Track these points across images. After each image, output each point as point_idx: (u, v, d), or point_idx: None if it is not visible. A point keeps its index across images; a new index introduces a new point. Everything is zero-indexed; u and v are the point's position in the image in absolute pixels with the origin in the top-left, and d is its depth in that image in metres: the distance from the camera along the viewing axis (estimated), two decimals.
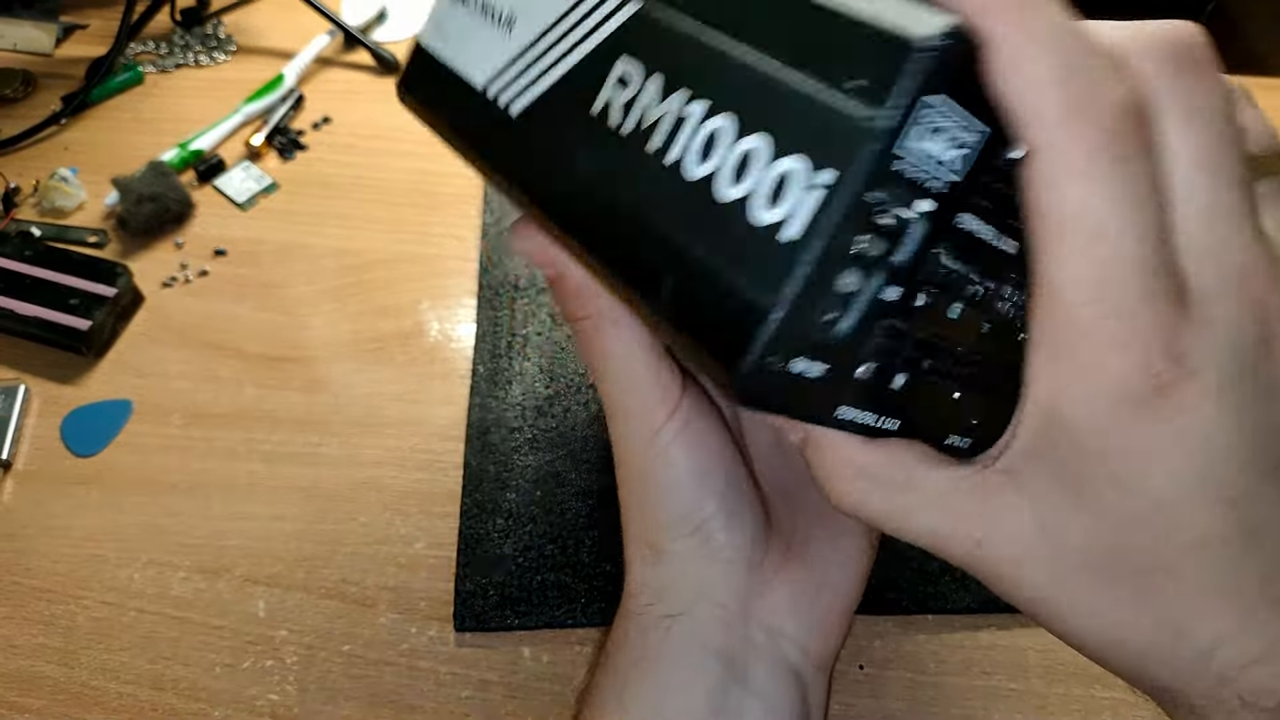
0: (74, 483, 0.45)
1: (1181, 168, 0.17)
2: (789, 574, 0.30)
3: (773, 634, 0.30)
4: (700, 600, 0.29)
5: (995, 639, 0.39)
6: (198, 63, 0.65)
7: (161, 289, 0.53)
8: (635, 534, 0.30)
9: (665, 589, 0.30)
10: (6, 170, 0.58)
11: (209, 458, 0.46)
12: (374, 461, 0.45)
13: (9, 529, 0.44)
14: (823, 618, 0.30)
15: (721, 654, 0.29)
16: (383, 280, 0.53)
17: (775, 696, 0.29)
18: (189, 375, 0.49)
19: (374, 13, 0.67)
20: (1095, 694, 0.37)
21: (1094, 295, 0.17)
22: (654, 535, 0.29)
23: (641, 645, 0.29)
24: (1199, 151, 0.17)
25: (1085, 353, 0.17)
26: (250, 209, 0.56)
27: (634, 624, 0.30)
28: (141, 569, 0.42)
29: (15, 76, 0.63)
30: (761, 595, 0.30)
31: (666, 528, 0.29)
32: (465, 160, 0.22)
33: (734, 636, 0.29)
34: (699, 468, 0.28)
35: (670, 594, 0.29)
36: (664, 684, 0.29)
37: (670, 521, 0.29)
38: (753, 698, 0.29)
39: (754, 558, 0.29)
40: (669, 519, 0.29)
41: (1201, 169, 0.18)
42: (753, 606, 0.29)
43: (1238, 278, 0.18)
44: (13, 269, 0.51)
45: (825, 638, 0.30)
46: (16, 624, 0.41)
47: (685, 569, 0.29)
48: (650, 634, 0.29)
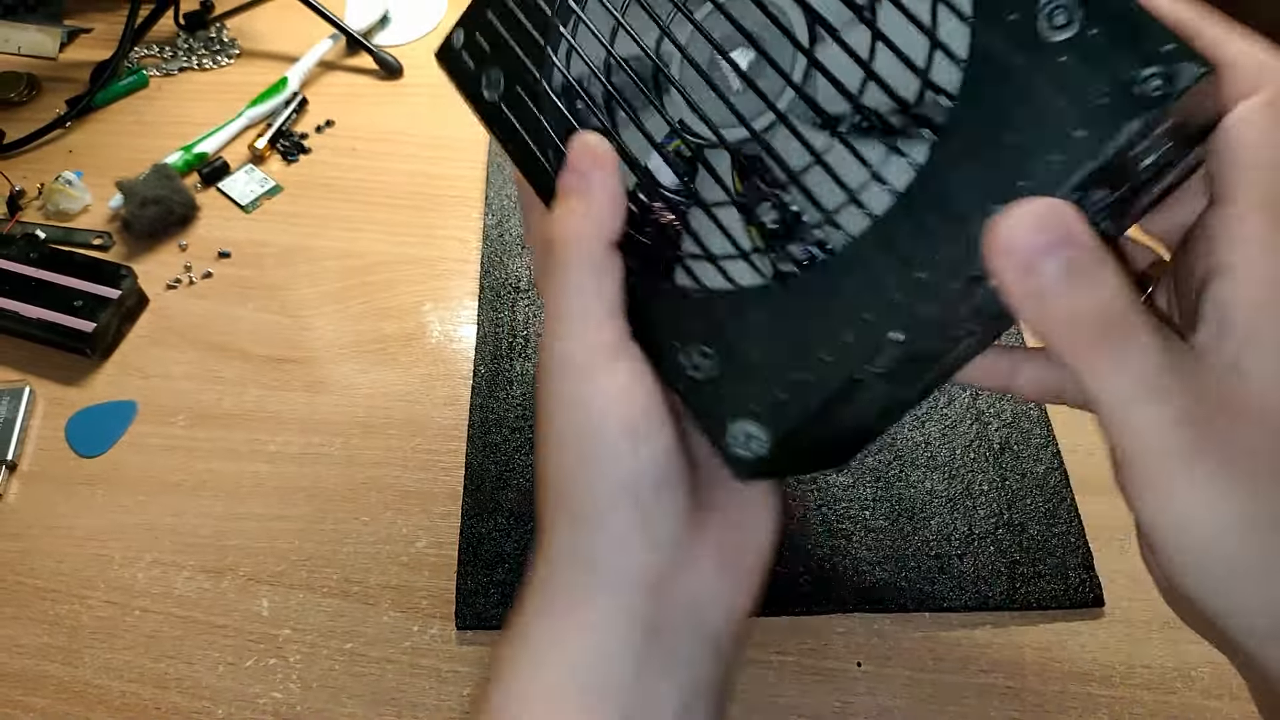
0: (79, 483, 0.46)
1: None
2: (709, 538, 0.30)
3: (696, 605, 0.30)
4: (627, 574, 0.29)
5: (992, 637, 0.39)
6: (201, 66, 0.66)
7: (165, 291, 0.53)
8: (558, 502, 0.29)
9: (594, 562, 0.29)
10: (11, 173, 0.58)
11: (212, 458, 0.46)
12: (376, 462, 0.46)
13: (14, 529, 0.44)
14: (746, 577, 0.31)
15: (647, 627, 0.29)
16: (385, 282, 0.53)
17: (697, 666, 0.30)
18: (193, 376, 0.49)
19: (376, 17, 0.67)
20: (1092, 692, 0.38)
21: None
22: (582, 504, 0.29)
23: (564, 621, 0.29)
24: None
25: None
26: (254, 211, 0.57)
27: (556, 598, 0.29)
28: (145, 569, 0.43)
29: (20, 80, 0.64)
30: (687, 567, 0.30)
31: (602, 496, 0.28)
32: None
33: (658, 609, 0.29)
34: (644, 430, 0.28)
35: (599, 567, 0.29)
36: (587, 661, 0.28)
37: (608, 490, 0.28)
38: (676, 668, 0.29)
39: (681, 533, 0.29)
40: (608, 489, 0.28)
41: None
42: (678, 578, 0.29)
43: None
44: (18, 271, 0.51)
45: (747, 592, 0.31)
46: (21, 623, 0.41)
47: (613, 541, 0.29)
48: (576, 611, 0.28)
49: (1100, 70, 0.20)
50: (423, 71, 0.65)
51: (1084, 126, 0.20)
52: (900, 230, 0.24)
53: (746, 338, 0.26)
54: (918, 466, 0.44)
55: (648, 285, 0.28)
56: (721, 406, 0.26)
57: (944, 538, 0.42)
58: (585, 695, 0.28)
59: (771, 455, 0.26)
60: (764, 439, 0.25)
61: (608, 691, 0.28)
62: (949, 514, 0.42)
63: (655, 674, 0.29)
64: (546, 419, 0.29)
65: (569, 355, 0.28)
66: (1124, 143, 0.20)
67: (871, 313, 0.24)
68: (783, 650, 0.39)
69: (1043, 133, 0.21)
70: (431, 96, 0.63)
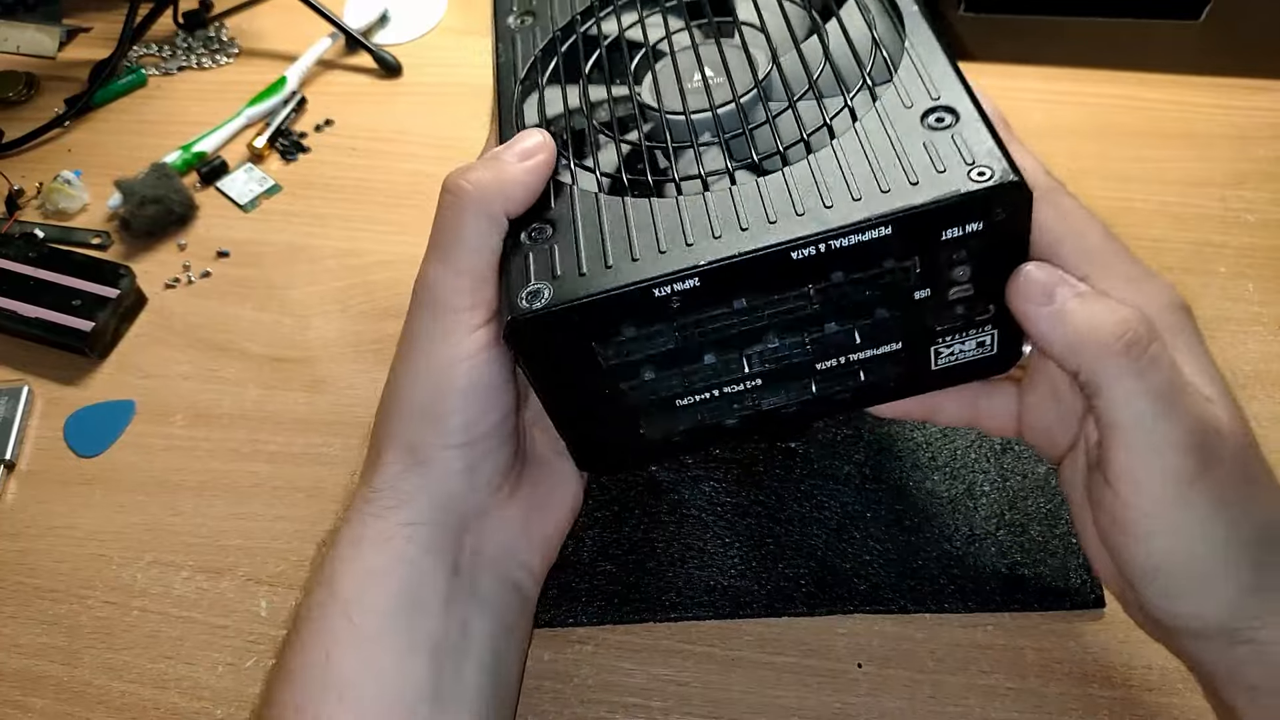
0: (77, 483, 0.46)
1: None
2: (520, 499, 0.33)
3: (499, 553, 0.33)
4: (443, 511, 0.31)
5: (993, 638, 0.39)
6: (200, 65, 0.66)
7: (164, 290, 0.53)
8: (397, 433, 0.31)
9: (414, 496, 0.31)
10: (10, 172, 0.58)
11: (212, 458, 0.46)
12: None
13: (12, 529, 0.44)
14: (544, 543, 0.35)
15: (455, 565, 0.31)
16: (385, 281, 0.53)
17: (500, 605, 0.32)
18: (192, 376, 0.49)
19: (376, 16, 0.67)
20: (1093, 693, 0.38)
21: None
22: (425, 437, 0.31)
23: (376, 553, 0.30)
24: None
25: (1146, 279, 0.30)
26: (253, 211, 0.57)
27: (370, 528, 0.31)
28: (144, 569, 0.43)
29: (19, 79, 0.64)
30: (496, 518, 0.32)
31: (443, 434, 0.31)
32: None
33: (467, 548, 0.32)
34: (494, 383, 0.31)
35: (418, 502, 0.31)
36: (399, 593, 0.30)
37: (452, 429, 0.31)
38: (480, 605, 0.31)
39: (498, 486, 0.32)
40: (452, 425, 0.31)
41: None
42: (486, 525, 0.32)
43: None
44: (16, 270, 0.51)
45: (545, 556, 0.35)
46: (20, 623, 0.41)
47: (441, 479, 0.31)
48: (390, 543, 0.30)
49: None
50: (422, 70, 0.65)
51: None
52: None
53: (586, 224, 0.30)
54: (918, 467, 0.44)
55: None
56: (530, 270, 0.29)
57: (944, 538, 0.42)
58: (395, 623, 0.30)
59: (545, 319, 0.28)
60: (546, 297, 0.28)
61: (416, 620, 0.30)
62: (950, 514, 0.42)
63: (462, 606, 0.31)
64: (405, 351, 0.32)
65: (437, 284, 0.31)
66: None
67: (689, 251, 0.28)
68: (783, 651, 0.39)
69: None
70: (431, 95, 0.63)
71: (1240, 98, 0.61)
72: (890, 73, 0.31)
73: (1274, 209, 0.55)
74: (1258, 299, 0.51)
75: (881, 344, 0.31)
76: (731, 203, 0.29)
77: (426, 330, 0.31)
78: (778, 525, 0.42)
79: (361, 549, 0.30)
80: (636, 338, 0.29)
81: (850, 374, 0.32)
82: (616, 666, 0.39)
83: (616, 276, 0.28)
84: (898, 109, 0.30)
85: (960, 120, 0.28)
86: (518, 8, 0.40)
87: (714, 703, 0.38)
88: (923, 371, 0.32)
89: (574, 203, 0.31)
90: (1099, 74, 0.62)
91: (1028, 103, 0.61)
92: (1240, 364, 0.48)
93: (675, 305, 0.28)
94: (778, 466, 0.44)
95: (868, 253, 0.28)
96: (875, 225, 0.27)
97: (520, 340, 0.29)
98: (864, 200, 0.27)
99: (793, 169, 0.29)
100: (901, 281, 0.29)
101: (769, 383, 0.32)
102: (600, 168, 0.32)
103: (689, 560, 0.41)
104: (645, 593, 0.40)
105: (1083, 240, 0.30)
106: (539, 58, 0.37)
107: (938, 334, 0.31)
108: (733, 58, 0.34)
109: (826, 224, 0.27)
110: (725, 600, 0.40)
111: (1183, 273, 0.52)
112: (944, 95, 0.29)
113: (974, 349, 0.32)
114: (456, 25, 0.68)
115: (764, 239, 0.27)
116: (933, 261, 0.29)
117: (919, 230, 0.28)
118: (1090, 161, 0.57)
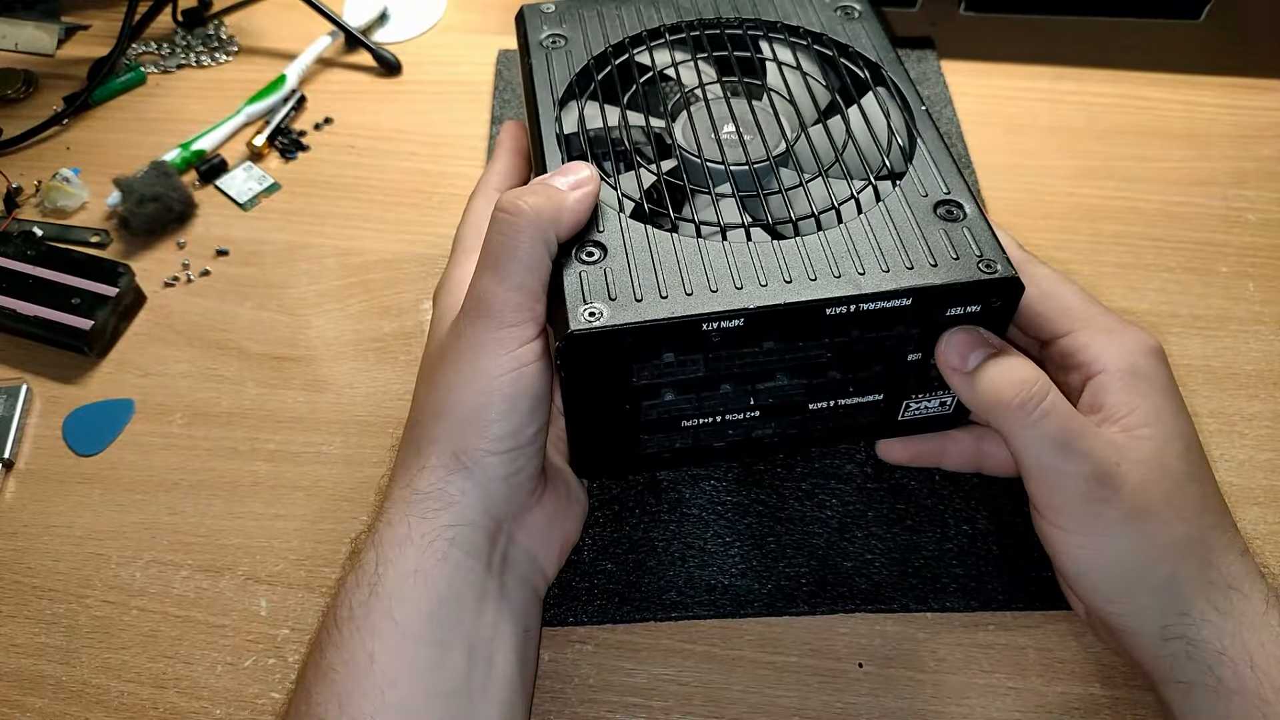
0: (76, 482, 0.45)
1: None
2: (544, 508, 0.35)
3: (524, 556, 0.35)
4: (485, 515, 0.33)
5: (994, 638, 0.39)
6: (199, 63, 0.65)
7: (163, 289, 0.53)
8: (441, 436, 0.33)
9: (459, 499, 0.32)
10: (9, 170, 0.58)
11: (211, 457, 0.46)
12: (376, 461, 0.45)
13: (11, 528, 0.44)
14: (559, 550, 0.37)
15: (489, 565, 0.33)
16: (385, 280, 0.53)
17: (522, 607, 0.34)
18: (191, 375, 0.49)
19: (375, 14, 0.67)
20: (1095, 693, 0.38)
21: (1098, 305, 0.37)
22: (471, 443, 0.32)
23: (422, 555, 0.32)
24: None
25: (1121, 331, 0.36)
26: (252, 209, 0.57)
27: (416, 529, 0.32)
28: (143, 568, 0.42)
29: (17, 77, 0.63)
30: (524, 520, 0.35)
31: (490, 440, 0.32)
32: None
33: (499, 551, 0.34)
34: (539, 393, 0.33)
35: (464, 506, 0.32)
36: (442, 594, 0.31)
37: (498, 435, 0.32)
38: (508, 606, 0.33)
39: (529, 494, 0.34)
40: (498, 433, 0.32)
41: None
42: (516, 532, 0.34)
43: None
44: (15, 269, 0.51)
45: (559, 563, 0.37)
46: (18, 623, 0.41)
47: (485, 484, 0.33)
48: (434, 544, 0.32)
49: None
50: (422, 69, 0.64)
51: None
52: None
53: (638, 252, 0.34)
54: (919, 466, 0.44)
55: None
56: (587, 290, 0.32)
57: (946, 537, 0.42)
58: (436, 623, 0.31)
59: (602, 337, 0.31)
60: (605, 316, 0.31)
61: (456, 619, 0.31)
62: (951, 513, 0.42)
63: (494, 607, 0.33)
64: (454, 359, 0.33)
65: (492, 297, 0.32)
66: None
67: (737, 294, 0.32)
68: (784, 650, 0.39)
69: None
70: (431, 94, 0.63)
71: (1242, 97, 0.61)
72: (906, 163, 0.36)
73: (1275, 208, 0.55)
74: (1259, 298, 0.51)
75: (868, 394, 0.37)
76: (775, 256, 0.33)
77: (479, 340, 0.32)
78: (779, 524, 0.42)
79: (406, 550, 0.32)
80: (672, 363, 0.33)
81: (833, 415, 0.38)
82: (617, 666, 0.39)
83: (671, 308, 0.32)
84: (915, 196, 0.35)
85: (968, 217, 0.34)
86: (547, 27, 0.43)
87: (714, 702, 0.38)
88: (890, 421, 0.39)
89: (625, 231, 0.34)
90: (1100, 74, 0.62)
91: (1029, 103, 0.61)
92: (1241, 363, 0.48)
93: (715, 340, 0.32)
94: (779, 465, 0.44)
95: (887, 317, 0.33)
96: (901, 295, 0.32)
97: (572, 354, 0.32)
98: (892, 273, 0.32)
99: (826, 235, 0.34)
100: (902, 345, 0.34)
101: (765, 415, 0.37)
102: (642, 198, 0.36)
103: (689, 559, 0.41)
104: (645, 592, 0.40)
105: (1061, 301, 0.36)
106: (576, 80, 0.41)
107: (914, 391, 0.37)
108: (764, 118, 0.39)
109: (860, 288, 0.32)
110: (726, 599, 0.40)
111: (1184, 272, 0.52)
112: (953, 191, 0.35)
113: (936, 406, 0.38)
114: (456, 24, 0.68)
115: (805, 294, 0.32)
116: (931, 331, 0.34)
117: (932, 304, 0.33)
118: (1092, 161, 0.57)
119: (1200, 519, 0.33)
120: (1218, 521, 0.33)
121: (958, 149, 0.57)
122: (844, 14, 0.44)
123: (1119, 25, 0.65)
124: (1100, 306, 0.36)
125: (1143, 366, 0.34)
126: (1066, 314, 0.35)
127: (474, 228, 0.38)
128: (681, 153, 0.38)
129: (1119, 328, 0.35)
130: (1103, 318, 0.35)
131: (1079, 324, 0.35)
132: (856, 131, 0.38)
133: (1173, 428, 0.33)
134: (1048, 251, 0.35)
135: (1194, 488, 0.33)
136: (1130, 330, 0.35)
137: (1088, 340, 0.35)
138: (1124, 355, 0.34)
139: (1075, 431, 0.32)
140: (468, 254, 0.37)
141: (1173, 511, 0.32)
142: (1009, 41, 0.64)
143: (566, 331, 0.31)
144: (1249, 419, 0.46)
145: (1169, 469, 0.32)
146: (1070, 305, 0.36)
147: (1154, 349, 0.35)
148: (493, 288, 0.32)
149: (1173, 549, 0.32)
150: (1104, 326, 0.35)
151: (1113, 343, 0.34)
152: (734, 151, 0.37)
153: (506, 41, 0.65)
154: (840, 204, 0.35)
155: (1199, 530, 0.33)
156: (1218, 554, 0.33)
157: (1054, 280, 0.36)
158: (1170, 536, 0.32)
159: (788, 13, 0.44)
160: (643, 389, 0.34)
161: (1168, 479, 0.32)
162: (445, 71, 0.64)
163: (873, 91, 0.40)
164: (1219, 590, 0.32)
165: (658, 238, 0.34)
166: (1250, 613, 0.31)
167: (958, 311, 0.33)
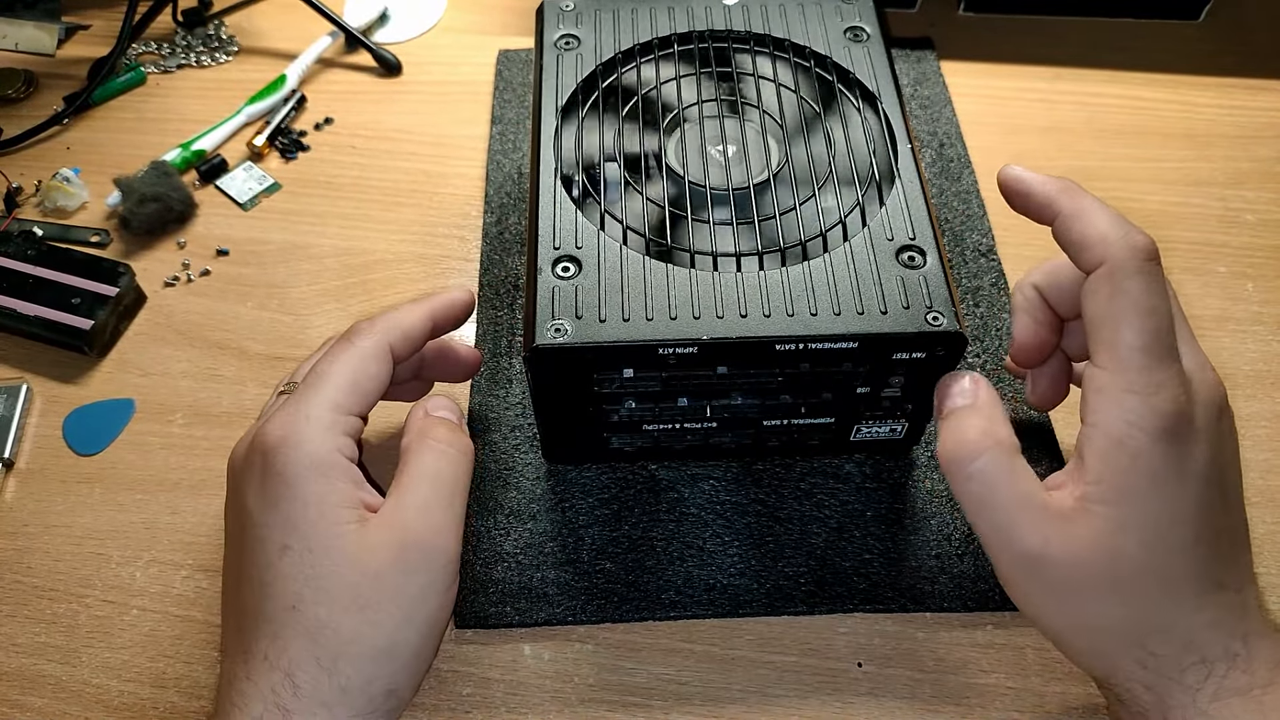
0: (76, 481, 0.45)
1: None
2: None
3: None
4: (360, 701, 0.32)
5: (993, 637, 0.39)
6: (200, 63, 0.65)
7: (164, 288, 0.53)
8: (313, 644, 0.32)
9: (335, 699, 0.32)
10: (9, 170, 0.58)
11: (211, 457, 0.46)
12: (376, 461, 0.45)
13: (11, 527, 0.44)
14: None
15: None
16: (385, 280, 0.53)
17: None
18: (191, 374, 0.49)
19: (376, 14, 0.67)
20: (1093, 692, 0.38)
21: (1146, 351, 0.29)
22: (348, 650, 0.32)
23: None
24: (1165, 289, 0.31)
25: (1139, 393, 0.29)
26: (252, 209, 0.57)
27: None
28: (144, 567, 0.43)
29: (17, 77, 0.63)
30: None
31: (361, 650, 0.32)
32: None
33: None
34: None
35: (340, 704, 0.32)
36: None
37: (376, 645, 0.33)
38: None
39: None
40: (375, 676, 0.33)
41: (1173, 301, 0.33)
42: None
43: (1205, 367, 0.32)
44: (15, 268, 0.51)
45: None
46: (18, 622, 0.41)
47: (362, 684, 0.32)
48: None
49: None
50: (422, 69, 0.64)
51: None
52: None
53: (608, 273, 0.36)
54: (918, 466, 0.44)
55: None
56: (555, 305, 0.35)
57: (944, 537, 0.42)
58: None
59: (563, 353, 0.34)
60: (568, 333, 0.34)
61: None
62: (949, 513, 0.42)
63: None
64: (285, 525, 0.33)
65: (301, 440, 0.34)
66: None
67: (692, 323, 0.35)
68: (783, 651, 0.39)
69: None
70: (431, 94, 0.63)
71: (1240, 97, 0.61)
72: (880, 199, 0.38)
73: (1274, 209, 0.55)
74: (1258, 299, 0.51)
75: (819, 417, 0.40)
76: (735, 289, 0.35)
77: (301, 495, 0.34)
78: (777, 524, 0.42)
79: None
80: (632, 378, 0.36)
81: (787, 432, 0.41)
82: (616, 665, 0.39)
83: (630, 331, 0.34)
84: (881, 239, 0.37)
85: (927, 265, 0.36)
86: (563, 26, 0.45)
87: (714, 701, 0.38)
88: (842, 440, 0.42)
89: (601, 250, 0.37)
90: (1098, 74, 0.62)
91: (1028, 103, 0.61)
92: (1240, 364, 0.48)
93: (671, 362, 0.35)
94: (778, 465, 0.44)
95: (834, 356, 0.35)
96: (847, 339, 0.34)
97: (537, 364, 0.35)
98: (842, 317, 0.35)
99: (788, 270, 0.36)
100: (850, 379, 0.37)
101: (722, 426, 0.40)
102: (626, 220, 0.38)
103: (688, 559, 0.41)
104: (645, 591, 0.40)
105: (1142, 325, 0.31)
106: (580, 89, 0.43)
107: (864, 418, 0.40)
108: (752, 141, 0.41)
109: (810, 329, 0.34)
110: (725, 599, 0.40)
111: (1183, 272, 0.52)
112: (918, 237, 0.37)
113: (886, 432, 0.41)
114: (456, 24, 0.68)
115: (758, 329, 0.34)
116: (878, 371, 0.37)
117: (877, 349, 0.35)
118: (1090, 161, 0.57)
119: (1158, 605, 0.30)
120: (1189, 602, 0.30)
121: (957, 149, 0.57)
122: (853, 35, 0.45)
123: (1117, 25, 0.65)
124: (1185, 333, 0.32)
125: (1133, 443, 0.29)
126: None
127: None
128: (669, 174, 0.40)
129: (1158, 374, 0.30)
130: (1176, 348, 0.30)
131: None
132: (838, 165, 0.40)
133: (1142, 513, 0.29)
134: (1047, 252, 0.35)
135: (1149, 579, 0.30)
136: (1163, 390, 0.29)
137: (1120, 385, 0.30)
138: (1120, 420, 0.29)
139: (992, 503, 0.31)
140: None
141: (1114, 595, 0.30)
142: (1008, 42, 0.64)
143: (533, 345, 0.34)
144: (1247, 419, 0.46)
145: (1119, 553, 0.29)
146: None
147: (1164, 429, 0.29)
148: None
149: (1109, 631, 0.31)
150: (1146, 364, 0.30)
151: (1126, 400, 0.29)
152: (718, 175, 0.40)
153: (507, 42, 0.65)
154: (807, 241, 0.37)
155: (1147, 615, 0.30)
156: (1173, 640, 0.30)
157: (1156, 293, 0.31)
158: (1107, 619, 0.30)
159: (798, 30, 0.45)
160: (605, 396, 0.37)
161: (1117, 562, 0.29)
162: (445, 72, 0.64)
163: (862, 125, 0.41)
164: (1160, 678, 0.30)
165: (630, 259, 0.36)
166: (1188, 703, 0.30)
167: (903, 356, 0.35)
